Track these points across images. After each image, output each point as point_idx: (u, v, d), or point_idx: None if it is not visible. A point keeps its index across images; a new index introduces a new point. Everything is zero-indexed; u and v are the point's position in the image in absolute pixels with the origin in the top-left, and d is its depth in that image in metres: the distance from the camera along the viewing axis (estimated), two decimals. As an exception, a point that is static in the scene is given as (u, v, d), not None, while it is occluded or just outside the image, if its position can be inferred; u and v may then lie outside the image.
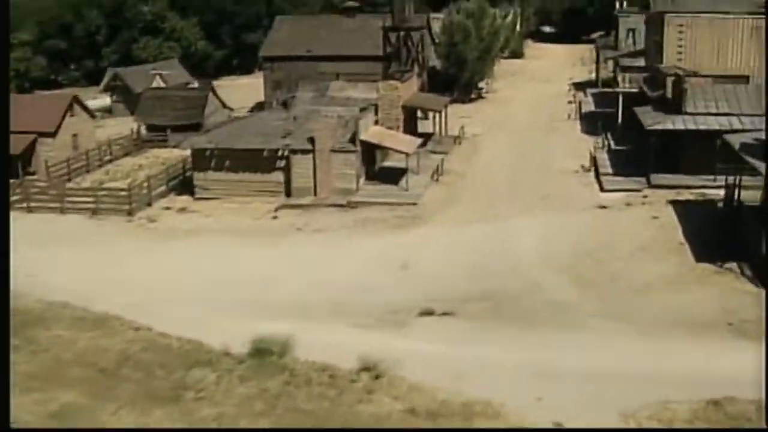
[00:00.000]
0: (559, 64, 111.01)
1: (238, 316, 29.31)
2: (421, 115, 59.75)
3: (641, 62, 61.85)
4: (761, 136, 35.37)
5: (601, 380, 23.13)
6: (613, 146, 53.23)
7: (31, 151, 53.54)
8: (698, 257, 33.33)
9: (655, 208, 40.42)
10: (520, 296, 30.52)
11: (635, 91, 54.75)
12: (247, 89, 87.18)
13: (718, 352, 24.98)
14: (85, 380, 25.00)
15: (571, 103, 73.59)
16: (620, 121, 55.75)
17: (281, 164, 45.64)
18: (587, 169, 48.51)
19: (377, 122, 50.68)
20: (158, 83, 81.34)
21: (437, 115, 56.86)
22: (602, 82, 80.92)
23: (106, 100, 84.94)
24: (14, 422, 20.08)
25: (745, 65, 51.18)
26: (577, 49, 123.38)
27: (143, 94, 68.38)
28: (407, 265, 33.98)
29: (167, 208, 45.76)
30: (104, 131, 67.44)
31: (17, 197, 45.40)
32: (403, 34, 64.24)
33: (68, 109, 57.85)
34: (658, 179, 43.52)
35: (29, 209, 45.09)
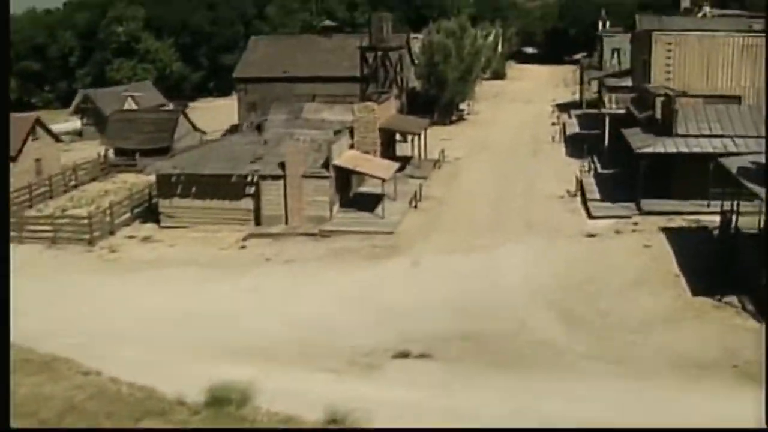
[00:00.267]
0: (541, 85, 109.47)
1: (196, 357, 26.95)
2: (399, 138, 57.42)
3: (627, 82, 59.85)
4: (759, 159, 33.14)
5: (595, 436, 20.65)
6: (599, 170, 51.05)
7: (-11, 176, 50.74)
8: (695, 290, 30.95)
9: (646, 236, 38.09)
10: (504, 336, 28.03)
11: (622, 112, 52.64)
12: (223, 111, 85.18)
13: (724, 399, 22.51)
14: (20, 436, 22.33)
15: (555, 124, 71.75)
16: (607, 143, 53.61)
17: (250, 191, 43.24)
18: (573, 194, 46.21)
19: (353, 146, 48.30)
20: (130, 105, 79.08)
21: (416, 138, 54.47)
22: (587, 103, 79.15)
23: (76, 123, 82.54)
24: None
25: (735, 85, 49.14)
26: (559, 70, 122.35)
27: (110, 116, 65.87)
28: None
29: (131, 237, 43.36)
30: (72, 155, 65.16)
31: (-29, 227, 42.62)
32: (380, 54, 62.18)
33: (30, 132, 55.42)
34: (648, 205, 41.24)
35: (-16, 239, 42.26)
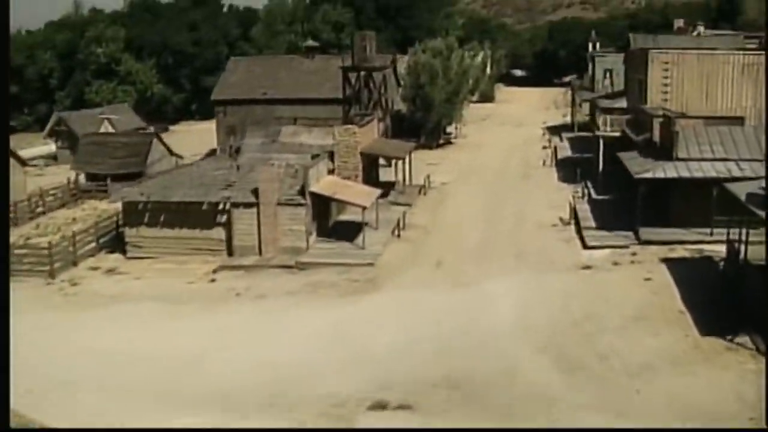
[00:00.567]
0: (531, 107, 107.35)
1: (151, 407, 24.33)
2: (384, 162, 54.60)
3: (622, 103, 57.26)
4: (769, 184, 30.40)
5: None
6: (594, 196, 48.35)
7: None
8: (703, 329, 28.10)
9: (646, 267, 35.28)
10: (493, 383, 25.12)
11: (617, 134, 50.00)
12: (204, 135, 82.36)
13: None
14: None
15: (546, 148, 69.40)
16: (601, 167, 50.94)
17: (222, 219, 40.37)
18: (567, 222, 43.46)
19: (333, 171, 45.53)
20: (107, 128, 76.29)
21: (401, 162, 51.67)
22: (578, 125, 76.70)
23: (52, 146, 79.68)
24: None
25: (736, 105, 46.52)
26: (549, 92, 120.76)
27: (81, 139, 63.00)
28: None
29: (94, 268, 40.51)
30: (47, 179, 62.41)
31: None
32: (363, 74, 59.43)
33: (-8, 156, 52.17)
34: (647, 234, 38.49)
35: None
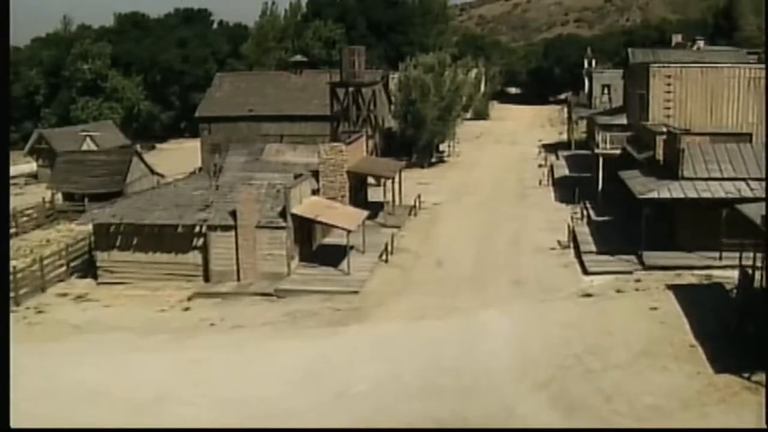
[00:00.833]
0: (526, 125, 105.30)
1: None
2: (373, 181, 52.12)
3: (621, 120, 55.00)
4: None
5: None
6: (593, 217, 45.90)
7: None
8: (717, 366, 25.58)
9: (652, 295, 32.81)
10: (486, 425, 22.60)
11: (617, 152, 47.62)
12: (191, 153, 79.73)
13: None
14: None
15: (542, 166, 67.05)
16: (601, 187, 48.54)
17: (198, 243, 37.87)
18: (565, 245, 40.99)
19: (317, 191, 43.07)
20: (89, 146, 73.83)
21: (390, 182, 49.14)
22: (576, 143, 74.38)
23: (33, 164, 77.24)
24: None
25: (743, 121, 44.25)
26: (544, 109, 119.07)
27: (58, 157, 60.49)
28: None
29: (63, 294, 38.01)
30: (24, 199, 59.82)
31: None
32: (352, 90, 57.07)
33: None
34: (652, 258, 36.04)
35: None
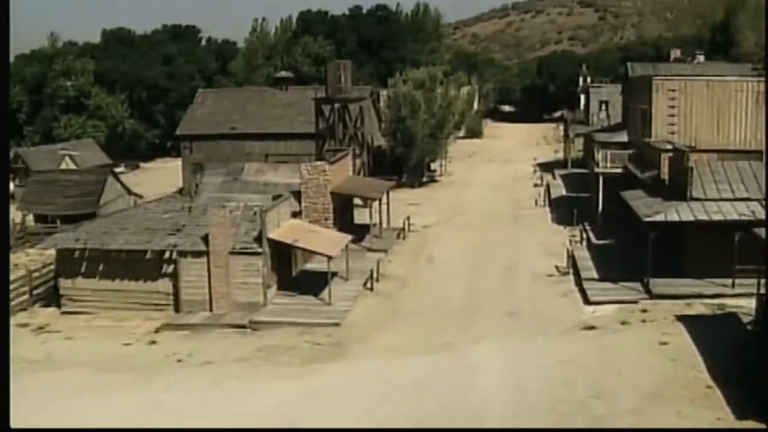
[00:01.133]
0: (521, 143, 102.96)
1: None
2: (360, 202, 49.30)
3: (621, 137, 52.31)
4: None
5: None
6: (594, 240, 43.13)
7: None
8: (739, 410, 22.74)
9: (660, 327, 29.94)
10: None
11: (619, 171, 44.89)
12: (176, 173, 76.92)
13: None
14: None
15: (537, 186, 64.42)
16: (601, 208, 45.80)
17: (168, 270, 35.04)
18: (564, 271, 38.18)
19: (299, 213, 40.31)
20: (68, 165, 71.08)
21: (375, 203, 46.22)
22: (572, 161, 71.78)
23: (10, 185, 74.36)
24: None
25: (751, 137, 41.53)
26: (539, 127, 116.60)
27: (30, 177, 57.76)
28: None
29: (24, 325, 35.22)
30: (0, 220, 56.60)
31: None
32: (338, 106, 54.37)
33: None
34: (659, 286, 33.23)
35: None
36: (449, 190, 66.80)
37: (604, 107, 73.05)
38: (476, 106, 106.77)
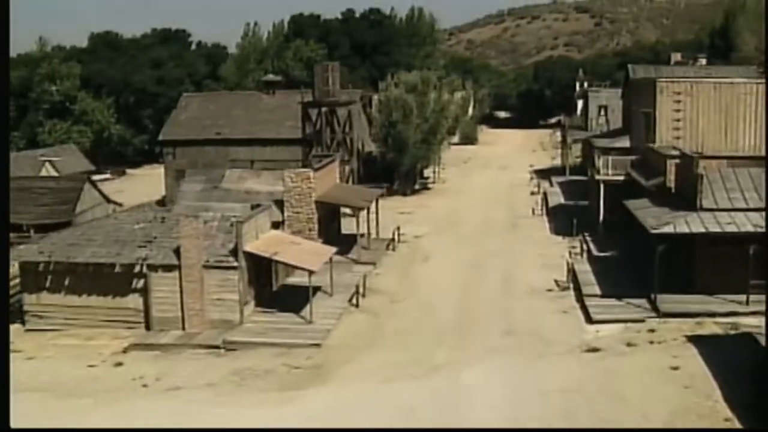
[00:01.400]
0: (516, 149, 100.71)
1: None
2: (349, 211, 46.78)
3: (621, 142, 49.96)
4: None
5: None
6: (595, 252, 40.70)
7: None
8: (762, 447, 20.36)
9: (670, 350, 27.51)
10: None
11: (621, 178, 42.49)
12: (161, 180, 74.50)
13: None
14: None
15: (534, 194, 62.02)
16: (602, 217, 43.40)
17: (139, 284, 32.54)
18: (564, 286, 35.70)
19: (281, 223, 37.85)
20: (48, 172, 68.36)
21: (364, 212, 43.74)
22: (570, 168, 69.40)
23: (-14, 193, 71.71)
24: None
25: (761, 143, 39.08)
26: (535, 134, 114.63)
27: (3, 185, 54.94)
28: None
29: (-16, 344, 32.22)
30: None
31: None
32: (325, 110, 51.90)
33: None
34: (667, 303, 30.79)
35: None
36: (443, 198, 64.38)
37: (603, 112, 70.79)
38: (471, 111, 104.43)
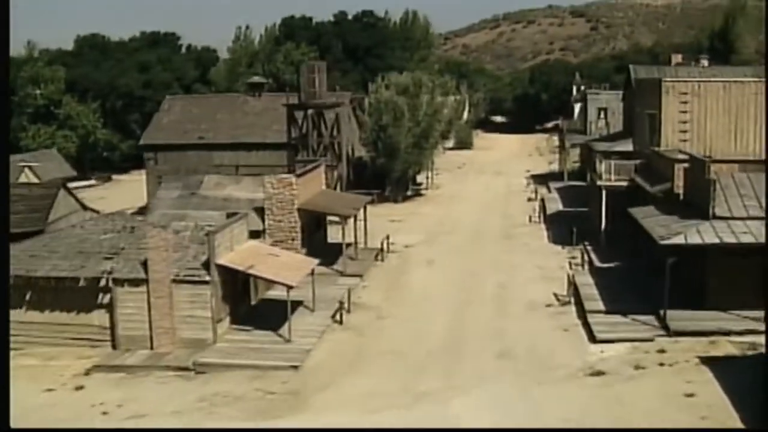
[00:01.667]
0: (513, 154, 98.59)
1: None
2: (337, 219, 44.24)
3: (623, 146, 47.65)
4: None
5: None
6: (597, 263, 38.22)
7: None
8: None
9: (683, 373, 25.00)
10: None
11: (624, 184, 40.05)
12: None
13: None
14: None
15: (531, 200, 59.69)
16: (604, 225, 40.94)
17: (104, 300, 30.00)
18: (565, 301, 33.18)
19: (262, 233, 35.35)
20: (28, 178, 65.78)
21: (351, 220, 41.24)
22: (569, 173, 67.01)
23: (-36, 200, 69.15)
24: None
25: (772, 146, 36.79)
26: (532, 138, 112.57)
27: (-28, 193, 52.39)
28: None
29: (-65, 365, 29.66)
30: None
31: None
32: (312, 113, 49.42)
33: None
34: (678, 321, 28.30)
35: None
36: (435, 204, 61.92)
37: (603, 115, 68.55)
38: (466, 115, 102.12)
